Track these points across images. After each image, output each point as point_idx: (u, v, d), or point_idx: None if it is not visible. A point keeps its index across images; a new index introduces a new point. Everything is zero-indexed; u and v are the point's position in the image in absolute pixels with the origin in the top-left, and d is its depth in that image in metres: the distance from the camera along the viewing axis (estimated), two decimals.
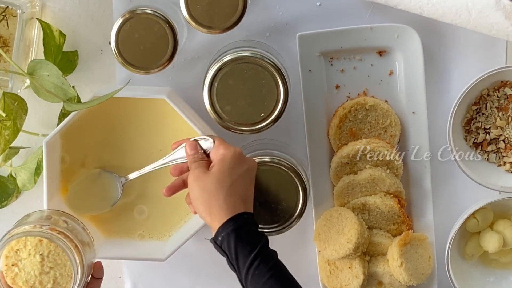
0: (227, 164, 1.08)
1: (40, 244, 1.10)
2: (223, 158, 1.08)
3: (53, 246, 1.10)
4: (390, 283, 1.24)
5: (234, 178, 1.07)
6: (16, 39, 1.19)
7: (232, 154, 1.09)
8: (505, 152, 1.24)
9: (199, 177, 1.08)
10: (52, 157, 1.17)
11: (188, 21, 1.12)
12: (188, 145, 1.12)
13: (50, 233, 1.10)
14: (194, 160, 1.11)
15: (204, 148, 1.12)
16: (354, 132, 1.24)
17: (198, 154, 1.11)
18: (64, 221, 1.15)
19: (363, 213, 1.24)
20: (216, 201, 1.06)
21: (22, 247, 1.10)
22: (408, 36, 1.21)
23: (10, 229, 1.12)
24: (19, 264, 1.11)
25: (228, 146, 1.10)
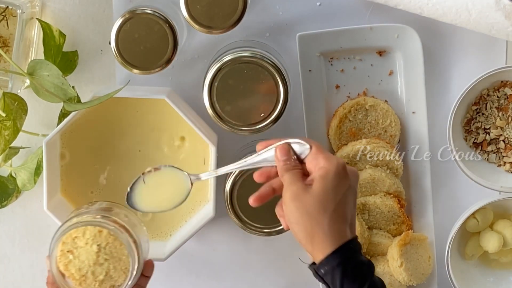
0: (331, 182, 0.94)
1: (99, 235, 1.09)
2: (325, 173, 0.95)
3: (111, 239, 1.09)
4: (390, 283, 1.24)
5: (339, 199, 0.95)
6: (16, 39, 1.19)
7: (335, 169, 0.95)
8: (505, 152, 1.24)
9: (298, 197, 0.94)
10: (52, 157, 1.17)
11: (188, 21, 1.12)
12: (280, 148, 0.99)
13: (113, 225, 1.09)
14: (287, 169, 0.97)
15: (298, 153, 1.00)
16: (354, 132, 1.24)
17: (292, 160, 0.98)
18: (125, 214, 1.13)
19: (363, 213, 1.24)
20: (320, 228, 0.93)
21: (80, 235, 1.09)
22: (408, 36, 1.21)
23: (69, 217, 1.11)
24: (75, 251, 1.10)
25: (329, 156, 0.97)
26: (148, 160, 1.22)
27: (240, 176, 1.17)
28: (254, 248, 1.29)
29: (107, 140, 1.22)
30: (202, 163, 1.21)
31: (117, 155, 1.22)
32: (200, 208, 1.23)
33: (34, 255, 1.31)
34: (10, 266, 1.32)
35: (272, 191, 1.01)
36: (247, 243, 1.28)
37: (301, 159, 0.99)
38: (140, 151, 1.22)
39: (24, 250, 1.31)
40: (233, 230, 1.25)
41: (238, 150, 1.25)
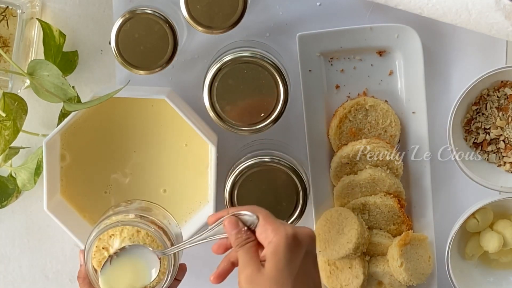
0: (283, 258, 0.90)
1: (136, 235, 1.08)
2: (275, 250, 0.90)
3: (148, 240, 1.08)
4: (390, 283, 1.24)
5: (295, 273, 0.90)
6: (16, 39, 1.19)
7: (284, 242, 0.91)
8: (505, 152, 1.24)
9: (253, 281, 0.91)
10: (52, 157, 1.17)
11: (188, 21, 1.12)
12: (228, 222, 0.97)
13: (153, 227, 1.06)
14: (239, 244, 0.94)
15: (248, 224, 0.98)
16: (354, 132, 1.24)
17: (242, 233, 0.95)
18: (163, 216, 1.11)
19: (363, 213, 1.24)
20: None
21: (117, 233, 1.08)
22: (408, 36, 1.21)
23: (108, 214, 1.09)
24: (110, 249, 1.08)
25: (276, 227, 0.92)
26: (148, 160, 1.22)
27: (240, 176, 1.17)
28: None
29: (107, 140, 1.22)
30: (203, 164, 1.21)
31: (117, 155, 1.22)
32: (200, 208, 1.23)
33: (34, 255, 1.31)
34: (10, 266, 1.32)
35: (232, 265, 0.99)
36: None
37: (252, 229, 0.97)
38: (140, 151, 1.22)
39: (24, 250, 1.31)
40: None
41: (238, 150, 1.25)
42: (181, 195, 1.23)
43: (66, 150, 1.21)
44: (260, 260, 0.92)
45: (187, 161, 1.22)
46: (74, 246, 1.30)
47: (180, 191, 1.23)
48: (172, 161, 1.22)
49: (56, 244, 1.31)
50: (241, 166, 1.17)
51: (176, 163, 1.22)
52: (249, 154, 1.20)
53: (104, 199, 1.23)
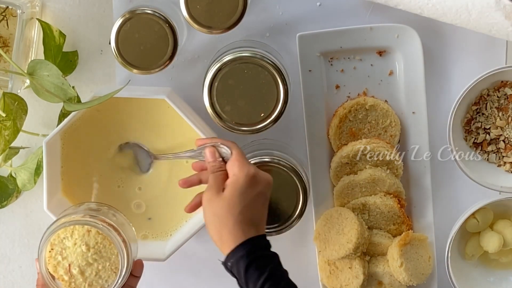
0: (239, 189, 1.07)
1: (87, 235, 1.10)
2: (235, 180, 1.08)
3: (100, 238, 1.10)
4: (390, 283, 1.24)
5: (245, 203, 1.07)
6: (16, 39, 1.19)
7: (244, 176, 1.08)
8: (505, 152, 1.24)
9: (211, 200, 1.08)
10: (52, 157, 1.17)
11: (188, 21, 1.12)
12: (208, 150, 1.12)
13: (102, 224, 1.09)
14: (212, 171, 1.11)
15: (223, 156, 1.12)
16: (354, 132, 1.24)
17: (217, 162, 1.11)
18: (113, 214, 1.14)
19: (363, 213, 1.24)
20: (226, 227, 1.06)
21: (68, 235, 1.10)
22: (408, 36, 1.21)
23: (57, 218, 1.11)
24: (63, 252, 1.10)
25: (242, 164, 1.09)
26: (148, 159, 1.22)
27: None
28: None
29: (107, 140, 1.22)
30: None
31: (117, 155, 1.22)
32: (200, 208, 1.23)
33: (34, 255, 1.31)
34: (10, 266, 1.32)
35: (199, 181, 1.15)
36: None
37: (226, 161, 1.12)
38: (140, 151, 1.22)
39: (24, 250, 1.31)
40: None
41: None
42: (182, 195, 1.23)
43: (66, 150, 1.21)
44: (223, 187, 1.09)
45: (188, 161, 1.21)
46: None
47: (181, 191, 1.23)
48: (172, 161, 1.22)
49: None
50: None
51: (176, 163, 1.22)
52: (249, 154, 1.20)
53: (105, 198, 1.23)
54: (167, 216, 1.24)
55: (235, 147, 1.12)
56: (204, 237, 1.29)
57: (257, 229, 1.08)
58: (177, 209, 1.24)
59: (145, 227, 1.25)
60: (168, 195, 1.23)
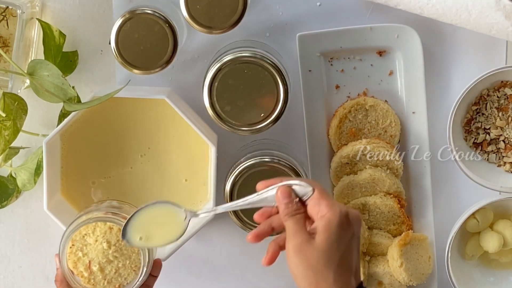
0: (334, 234, 0.94)
1: (109, 232, 1.09)
2: (328, 224, 0.94)
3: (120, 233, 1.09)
4: (390, 283, 1.24)
5: (343, 250, 0.94)
6: (16, 39, 1.19)
7: (338, 218, 0.94)
8: (505, 152, 1.24)
9: (302, 251, 0.93)
10: (52, 157, 1.17)
11: (188, 21, 1.12)
12: (282, 191, 0.98)
13: (124, 222, 1.07)
14: (289, 214, 0.97)
15: (300, 195, 0.99)
16: (354, 132, 1.24)
17: (293, 203, 0.97)
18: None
19: (363, 213, 1.24)
20: (325, 281, 0.93)
21: (90, 232, 1.10)
22: (408, 36, 1.21)
23: (80, 214, 1.11)
24: (84, 249, 1.10)
25: (332, 203, 0.96)
26: (148, 159, 1.22)
27: (240, 176, 1.17)
28: (254, 248, 1.29)
29: (107, 140, 1.22)
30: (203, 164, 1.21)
31: (117, 155, 1.22)
32: (200, 208, 1.23)
33: (34, 255, 1.31)
34: (10, 266, 1.32)
35: (271, 229, 1.01)
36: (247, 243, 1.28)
37: (303, 201, 0.99)
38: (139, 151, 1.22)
39: (24, 250, 1.31)
40: (233, 230, 1.25)
41: (238, 150, 1.25)
42: (181, 195, 1.23)
43: (66, 150, 1.21)
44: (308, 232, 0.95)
45: (187, 161, 1.22)
46: None
47: (180, 191, 1.23)
48: (172, 161, 1.22)
49: (56, 244, 1.30)
50: (241, 166, 1.17)
51: (176, 163, 1.22)
52: (249, 154, 1.20)
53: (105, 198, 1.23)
54: None
55: (316, 183, 0.99)
56: (204, 237, 1.29)
57: (356, 277, 0.96)
58: None
59: None
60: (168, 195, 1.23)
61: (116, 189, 1.23)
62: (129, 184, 1.23)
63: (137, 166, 1.22)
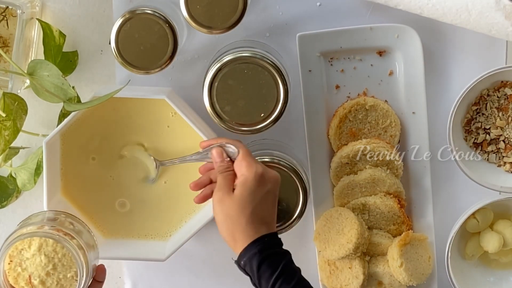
0: (248, 188, 1.08)
1: (45, 245, 1.10)
2: (244, 180, 1.09)
3: (58, 247, 1.10)
4: (390, 283, 1.24)
5: (256, 202, 1.08)
6: (16, 39, 1.19)
7: (253, 176, 1.09)
8: (505, 152, 1.24)
9: (222, 201, 1.09)
10: (52, 157, 1.17)
11: (188, 21, 1.12)
12: (215, 151, 1.13)
13: (57, 234, 1.09)
14: (220, 171, 1.12)
15: (230, 155, 1.12)
16: (354, 132, 1.24)
17: (224, 162, 1.12)
18: (70, 222, 1.14)
19: (363, 213, 1.24)
20: (238, 227, 1.08)
21: (26, 247, 1.10)
22: (408, 36, 1.21)
23: (15, 230, 1.11)
24: (22, 264, 1.10)
25: (250, 164, 1.10)
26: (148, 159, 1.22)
27: None
28: None
29: (107, 140, 1.22)
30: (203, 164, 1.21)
31: (117, 154, 1.22)
32: (200, 208, 1.23)
33: None
34: None
35: (210, 181, 1.15)
36: None
37: (233, 160, 1.12)
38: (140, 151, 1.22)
39: None
40: None
41: None
42: (182, 196, 1.23)
43: (66, 150, 1.21)
44: (232, 187, 1.10)
45: None
46: None
47: (180, 191, 1.23)
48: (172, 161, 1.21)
49: None
50: None
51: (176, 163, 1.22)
52: None
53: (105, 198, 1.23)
54: (167, 216, 1.24)
55: (241, 146, 1.13)
56: (204, 237, 1.29)
57: (268, 227, 1.09)
58: (177, 209, 1.24)
59: (143, 226, 1.25)
60: (168, 195, 1.23)
61: (116, 189, 1.23)
62: (129, 184, 1.23)
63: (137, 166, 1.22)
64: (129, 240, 1.25)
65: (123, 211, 1.24)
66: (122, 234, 1.25)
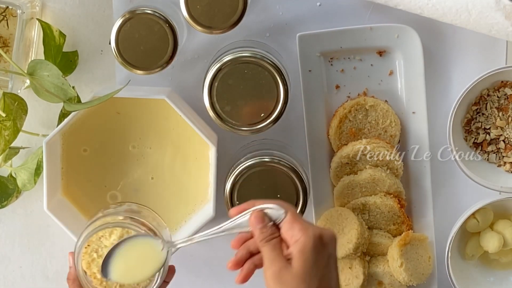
0: (310, 258, 0.92)
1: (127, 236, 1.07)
2: (303, 248, 0.93)
3: None
4: (390, 283, 1.24)
5: (321, 273, 0.93)
6: (16, 39, 1.19)
7: (312, 242, 0.93)
8: (505, 152, 1.24)
9: (280, 278, 0.93)
10: (52, 157, 1.17)
11: (188, 21, 1.12)
12: (255, 216, 0.98)
13: (143, 228, 1.05)
14: (265, 239, 0.96)
15: (273, 218, 0.99)
16: (354, 132, 1.24)
17: (267, 228, 0.96)
18: (153, 218, 1.10)
19: (363, 213, 1.24)
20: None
21: (107, 234, 1.07)
22: (408, 36, 1.21)
23: (98, 216, 1.08)
24: (99, 250, 1.08)
25: (304, 226, 0.94)
26: (149, 159, 1.22)
27: (241, 176, 1.17)
28: None
29: (107, 140, 1.22)
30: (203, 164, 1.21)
31: (117, 155, 1.22)
32: (200, 208, 1.23)
33: (34, 255, 1.31)
34: (10, 266, 1.32)
35: (249, 254, 1.01)
36: None
37: (277, 224, 0.98)
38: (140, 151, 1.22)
39: (24, 250, 1.31)
40: None
41: (238, 150, 1.25)
42: (181, 195, 1.23)
43: (66, 150, 1.21)
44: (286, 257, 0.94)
45: (187, 161, 1.22)
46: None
47: (180, 191, 1.23)
48: (172, 161, 1.22)
49: (56, 244, 1.31)
50: (241, 166, 1.17)
51: (176, 163, 1.22)
52: (249, 154, 1.20)
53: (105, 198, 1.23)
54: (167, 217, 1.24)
55: (287, 205, 0.98)
56: None
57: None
58: (177, 209, 1.24)
59: None
60: (168, 195, 1.23)
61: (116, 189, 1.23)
62: (129, 184, 1.23)
63: (137, 166, 1.22)
64: None
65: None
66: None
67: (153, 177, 1.22)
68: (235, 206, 1.03)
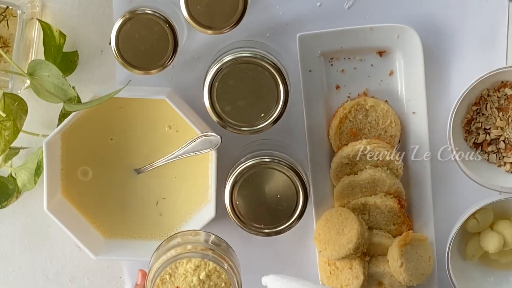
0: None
1: (203, 268, 1.07)
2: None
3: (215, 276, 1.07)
4: (390, 284, 1.24)
5: None
6: (16, 40, 1.19)
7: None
8: (505, 152, 1.24)
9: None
10: (52, 157, 1.18)
11: (188, 21, 1.12)
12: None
13: (227, 265, 1.05)
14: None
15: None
16: (354, 132, 1.24)
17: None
18: (231, 253, 1.11)
19: (363, 214, 1.24)
20: None
21: (184, 261, 1.07)
22: (408, 36, 1.21)
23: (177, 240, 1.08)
24: (172, 274, 1.07)
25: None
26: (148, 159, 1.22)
27: (241, 177, 1.17)
28: (254, 248, 1.29)
29: (107, 141, 1.22)
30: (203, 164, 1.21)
31: (117, 155, 1.22)
32: (200, 208, 1.23)
33: (34, 255, 1.31)
34: (10, 266, 1.32)
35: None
36: (247, 243, 1.28)
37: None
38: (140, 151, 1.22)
39: (24, 250, 1.31)
40: (233, 230, 1.25)
41: (238, 150, 1.25)
42: (182, 195, 1.23)
43: (66, 150, 1.21)
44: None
45: (188, 161, 1.22)
46: (74, 246, 1.30)
47: (181, 191, 1.23)
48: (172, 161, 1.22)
49: (56, 244, 1.31)
50: (241, 167, 1.17)
51: (176, 164, 1.22)
52: (249, 154, 1.20)
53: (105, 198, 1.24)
54: (168, 217, 1.24)
55: None
56: None
57: None
58: (177, 209, 1.24)
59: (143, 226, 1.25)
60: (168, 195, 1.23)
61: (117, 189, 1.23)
62: (129, 184, 1.23)
63: (137, 167, 1.22)
64: (129, 240, 1.25)
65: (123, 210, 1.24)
66: (122, 234, 1.25)
67: (153, 177, 1.22)
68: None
